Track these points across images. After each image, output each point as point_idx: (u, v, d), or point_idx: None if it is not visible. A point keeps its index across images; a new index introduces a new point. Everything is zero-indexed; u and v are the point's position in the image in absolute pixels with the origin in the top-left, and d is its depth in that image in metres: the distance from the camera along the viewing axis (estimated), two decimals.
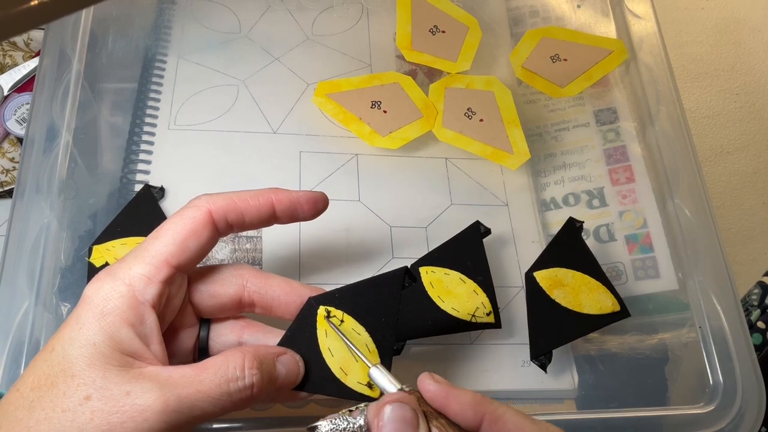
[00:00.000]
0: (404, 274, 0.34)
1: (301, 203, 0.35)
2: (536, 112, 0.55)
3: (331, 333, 0.33)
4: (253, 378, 0.30)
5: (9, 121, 0.56)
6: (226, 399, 0.29)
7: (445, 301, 0.42)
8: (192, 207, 0.33)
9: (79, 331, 0.29)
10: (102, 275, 0.30)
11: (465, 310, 0.42)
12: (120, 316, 0.29)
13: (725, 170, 0.76)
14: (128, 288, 0.30)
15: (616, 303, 0.43)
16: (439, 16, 0.57)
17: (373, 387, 0.32)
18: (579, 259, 0.44)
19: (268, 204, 0.34)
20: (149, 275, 0.30)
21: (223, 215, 0.33)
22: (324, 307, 0.34)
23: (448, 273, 0.43)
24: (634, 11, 0.58)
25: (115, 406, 0.27)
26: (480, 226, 0.45)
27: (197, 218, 0.32)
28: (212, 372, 0.29)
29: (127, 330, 0.29)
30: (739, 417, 0.42)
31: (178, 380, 0.28)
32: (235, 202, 0.33)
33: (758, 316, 0.61)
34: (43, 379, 0.28)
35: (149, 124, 0.49)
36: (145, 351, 0.29)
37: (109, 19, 0.53)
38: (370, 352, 0.33)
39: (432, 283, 0.43)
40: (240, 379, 0.29)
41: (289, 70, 0.53)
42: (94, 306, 0.29)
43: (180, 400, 0.28)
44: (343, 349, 0.33)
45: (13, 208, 0.43)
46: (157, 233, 0.32)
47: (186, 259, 0.32)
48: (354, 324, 0.34)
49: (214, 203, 0.33)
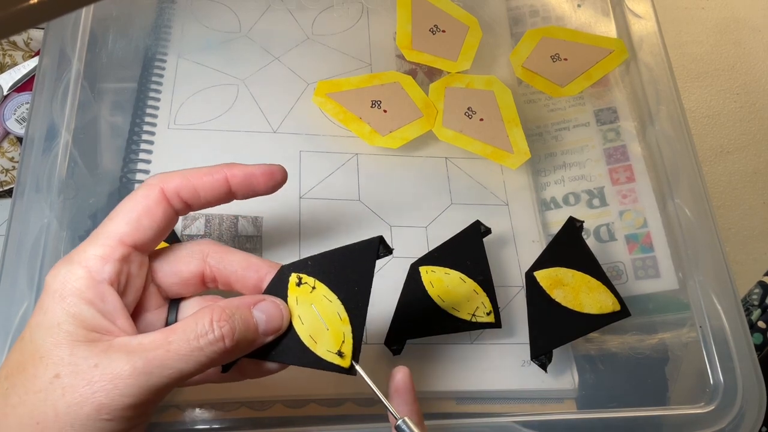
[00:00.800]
0: (379, 243, 0.33)
1: (257, 176, 0.35)
2: (536, 111, 0.55)
3: (301, 300, 0.33)
4: (222, 330, 0.30)
5: (9, 120, 0.56)
6: (198, 354, 0.29)
7: (445, 300, 0.42)
8: (144, 186, 0.33)
9: (44, 316, 0.29)
10: (59, 263, 0.31)
11: (465, 310, 0.42)
12: (79, 296, 0.29)
13: (725, 170, 0.76)
14: (84, 269, 0.30)
15: (616, 302, 0.43)
16: (439, 16, 0.57)
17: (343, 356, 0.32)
18: (579, 258, 0.44)
19: (223, 179, 0.34)
20: (104, 255, 0.30)
21: (175, 192, 0.33)
22: (296, 274, 0.33)
23: (449, 272, 0.43)
24: (635, 11, 0.58)
25: (84, 379, 0.27)
26: (480, 225, 0.45)
27: (150, 196, 0.32)
28: (180, 332, 0.29)
29: (89, 308, 0.29)
30: (740, 417, 0.42)
31: (147, 345, 0.29)
32: (188, 178, 0.33)
33: (759, 316, 0.61)
34: (15, 367, 0.29)
35: (149, 124, 0.48)
36: (111, 326, 0.30)
37: (109, 18, 0.53)
38: (341, 320, 0.33)
39: (432, 282, 0.43)
40: (209, 332, 0.29)
41: (289, 69, 0.53)
42: (53, 291, 0.29)
43: (148, 362, 0.28)
44: (312, 316, 0.33)
45: (13, 207, 0.43)
46: (111, 215, 0.32)
47: (141, 238, 0.32)
48: (326, 291, 0.33)
49: (166, 181, 0.33)
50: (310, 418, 0.41)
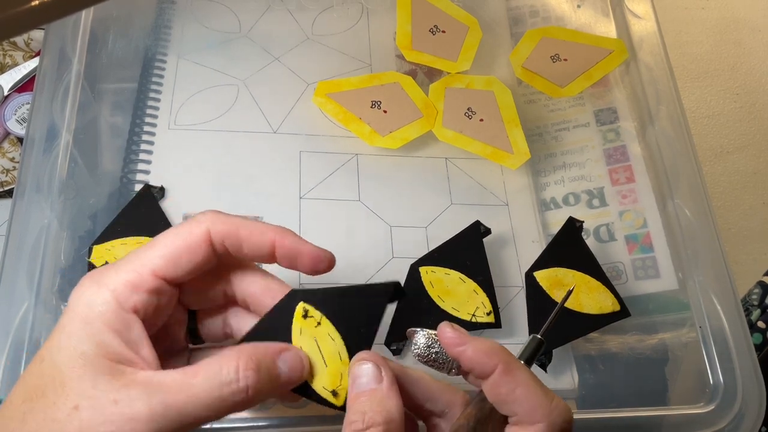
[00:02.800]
0: (393, 288, 0.33)
1: (303, 255, 0.33)
2: (536, 111, 0.55)
3: (305, 332, 0.33)
4: (248, 380, 0.29)
5: (9, 120, 0.56)
6: (219, 404, 0.28)
7: (445, 300, 0.42)
8: (193, 222, 0.32)
9: (67, 340, 0.28)
10: (86, 281, 0.30)
11: (465, 310, 0.42)
12: (105, 323, 0.29)
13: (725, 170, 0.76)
14: (112, 294, 0.29)
15: (616, 303, 0.43)
16: (439, 16, 0.57)
17: (337, 396, 0.32)
18: (579, 258, 0.44)
19: (270, 244, 0.33)
20: (135, 283, 0.30)
21: (221, 239, 0.32)
22: (303, 305, 0.33)
23: (449, 273, 0.43)
24: (634, 11, 0.58)
25: (102, 415, 0.27)
26: (480, 225, 0.45)
27: (195, 234, 0.31)
28: (203, 377, 0.28)
29: (113, 337, 0.29)
30: (740, 417, 0.42)
31: (169, 385, 0.28)
32: (237, 229, 0.32)
33: (758, 316, 0.61)
34: (34, 390, 0.28)
35: (149, 124, 0.49)
36: (134, 357, 0.29)
37: (109, 19, 0.53)
38: (341, 360, 0.32)
39: (432, 282, 0.43)
40: (234, 383, 0.28)
41: (289, 69, 0.53)
42: (78, 313, 0.29)
43: (167, 407, 0.27)
44: (313, 350, 0.32)
45: (14, 208, 0.43)
46: (153, 242, 0.31)
47: (176, 274, 0.31)
48: (330, 329, 0.33)
49: (215, 223, 0.32)
50: (310, 418, 0.41)
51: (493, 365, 0.30)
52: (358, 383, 0.30)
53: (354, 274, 0.45)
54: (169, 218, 0.45)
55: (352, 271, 0.45)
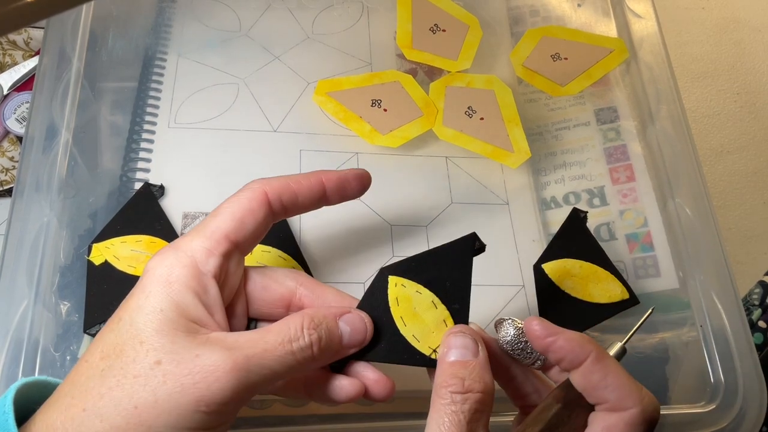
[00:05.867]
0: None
1: (349, 180, 0.36)
2: (537, 110, 0.55)
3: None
4: (311, 337, 0.30)
5: (9, 119, 0.56)
6: (291, 358, 0.30)
7: (407, 325, 0.35)
8: (247, 188, 0.34)
9: (146, 300, 0.29)
10: (164, 249, 0.31)
11: (427, 343, 0.34)
12: (185, 284, 0.30)
13: (725, 170, 0.76)
14: (190, 259, 0.31)
15: (624, 291, 0.43)
16: (439, 15, 0.57)
17: None
18: (585, 249, 0.44)
19: (319, 183, 0.35)
20: (210, 248, 0.31)
21: (278, 196, 0.34)
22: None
23: (420, 291, 0.35)
24: (635, 10, 0.58)
25: (186, 368, 0.27)
26: (475, 241, 0.36)
27: (254, 198, 0.33)
28: (275, 333, 0.30)
29: (192, 297, 0.30)
30: (741, 416, 0.42)
31: (243, 343, 0.29)
32: (288, 183, 0.34)
33: (759, 316, 0.61)
34: (112, 348, 0.28)
35: (149, 123, 0.48)
36: (209, 319, 0.30)
37: (109, 17, 0.52)
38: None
39: (398, 299, 0.35)
40: (301, 338, 0.30)
41: (289, 68, 0.53)
42: (159, 275, 0.30)
43: (248, 359, 0.28)
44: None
45: (13, 206, 0.43)
46: (215, 212, 0.33)
47: (243, 236, 0.32)
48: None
49: (269, 184, 0.34)
50: (310, 417, 0.41)
51: (586, 353, 0.31)
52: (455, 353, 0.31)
53: (354, 273, 0.45)
54: (169, 217, 0.44)
55: (353, 270, 0.45)
